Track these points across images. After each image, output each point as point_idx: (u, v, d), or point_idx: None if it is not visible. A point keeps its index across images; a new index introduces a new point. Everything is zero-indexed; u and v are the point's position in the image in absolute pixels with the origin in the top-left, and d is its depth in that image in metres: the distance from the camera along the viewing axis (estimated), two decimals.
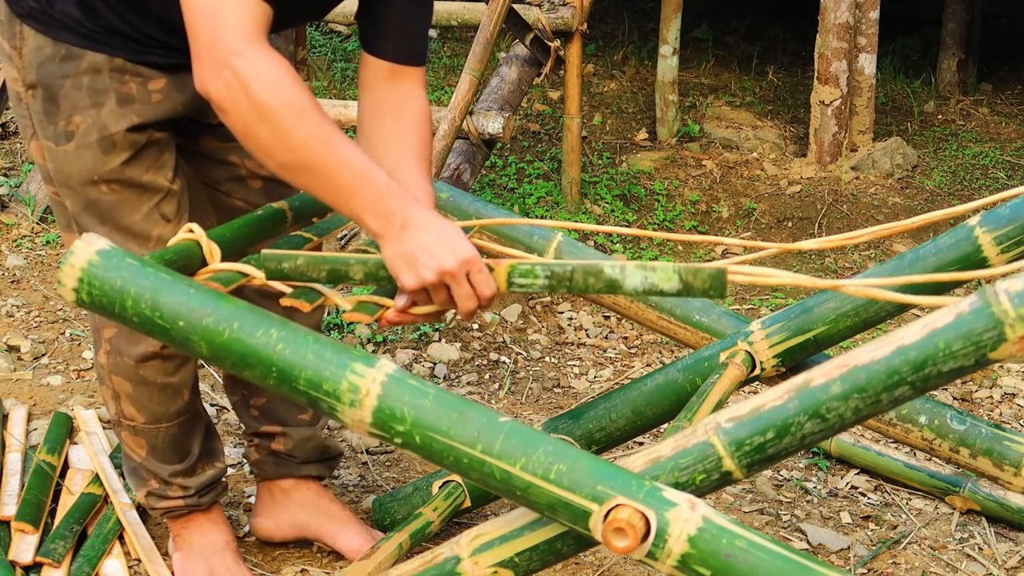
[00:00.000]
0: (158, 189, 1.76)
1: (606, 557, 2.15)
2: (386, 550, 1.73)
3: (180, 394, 1.90)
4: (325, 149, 1.46)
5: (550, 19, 3.98)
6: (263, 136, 1.46)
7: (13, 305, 3.26)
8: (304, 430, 2.09)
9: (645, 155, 4.90)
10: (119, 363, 1.85)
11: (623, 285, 1.44)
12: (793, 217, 4.50)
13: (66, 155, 1.71)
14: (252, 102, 1.44)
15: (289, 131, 1.45)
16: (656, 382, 1.97)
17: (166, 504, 1.98)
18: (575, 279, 1.46)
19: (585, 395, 3.01)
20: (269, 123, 1.45)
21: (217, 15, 1.44)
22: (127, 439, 1.94)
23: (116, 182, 1.72)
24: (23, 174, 4.01)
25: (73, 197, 1.75)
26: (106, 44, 1.67)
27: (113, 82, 1.69)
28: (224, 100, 1.46)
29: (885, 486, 2.52)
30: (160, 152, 1.76)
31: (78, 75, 1.68)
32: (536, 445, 1.30)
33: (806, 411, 1.29)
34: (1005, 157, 5.21)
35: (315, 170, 1.47)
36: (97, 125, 1.69)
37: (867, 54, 4.82)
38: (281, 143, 1.46)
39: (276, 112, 1.44)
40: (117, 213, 1.74)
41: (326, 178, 1.48)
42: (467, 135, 3.73)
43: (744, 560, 1.23)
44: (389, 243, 1.49)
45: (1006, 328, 1.18)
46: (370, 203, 1.48)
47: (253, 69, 1.44)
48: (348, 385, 1.34)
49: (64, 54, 1.67)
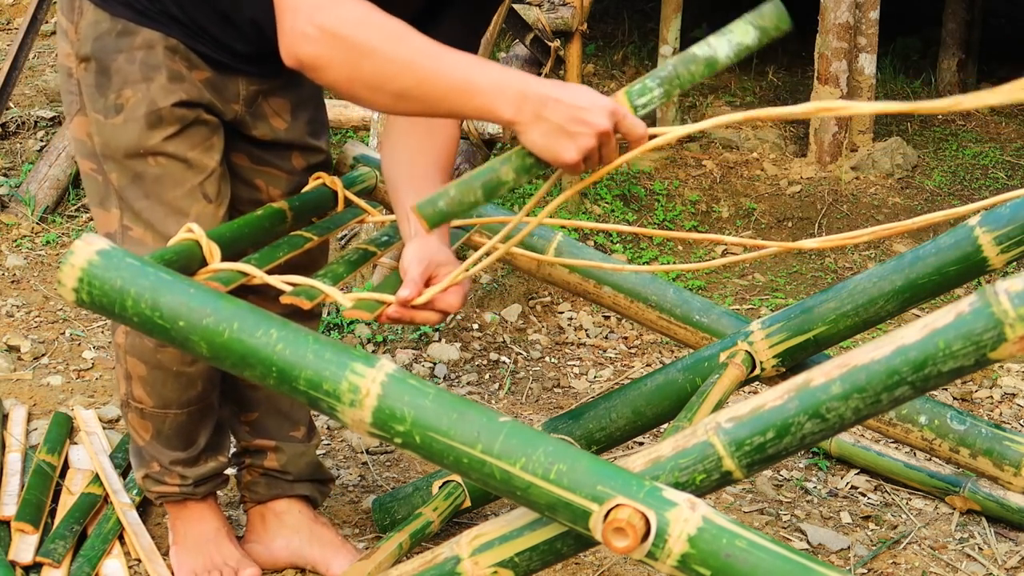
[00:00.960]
0: (203, 167, 1.76)
1: (606, 557, 2.15)
2: (386, 550, 1.72)
3: (194, 384, 1.89)
4: (432, 61, 1.43)
5: (550, 19, 3.99)
6: (369, 73, 1.44)
7: (13, 305, 3.26)
8: (298, 445, 2.08)
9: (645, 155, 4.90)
10: (137, 344, 1.84)
11: (719, 59, 1.47)
12: (793, 217, 4.50)
13: (114, 128, 1.72)
14: (348, 45, 1.43)
15: (393, 58, 1.43)
16: (656, 382, 1.97)
17: (161, 488, 1.99)
18: (681, 75, 1.47)
19: (585, 395, 3.01)
20: (371, 58, 1.43)
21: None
22: (133, 421, 1.94)
23: (161, 155, 1.73)
24: (23, 174, 4.01)
25: (120, 170, 1.75)
26: (162, 23, 1.70)
27: (165, 59, 1.70)
28: (319, 57, 1.44)
29: (885, 486, 2.52)
30: (210, 134, 1.77)
31: (132, 50, 1.70)
32: (536, 445, 1.30)
33: (806, 411, 1.29)
34: (1005, 157, 5.21)
35: (429, 85, 1.44)
36: (146, 99, 1.70)
37: (867, 54, 4.82)
38: (389, 72, 1.43)
39: (375, 45, 1.42)
40: (160, 186, 1.75)
41: (443, 89, 1.44)
42: (467, 135, 3.74)
43: (744, 560, 1.23)
44: (531, 126, 1.42)
45: (1006, 328, 1.18)
46: (496, 95, 1.43)
47: (337, 16, 1.43)
48: (348, 385, 1.34)
49: (120, 29, 1.70)
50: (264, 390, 2.03)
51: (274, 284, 1.53)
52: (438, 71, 1.43)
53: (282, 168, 1.90)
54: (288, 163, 1.90)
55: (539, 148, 1.42)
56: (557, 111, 1.40)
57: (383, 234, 1.85)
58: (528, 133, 1.42)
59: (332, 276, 1.63)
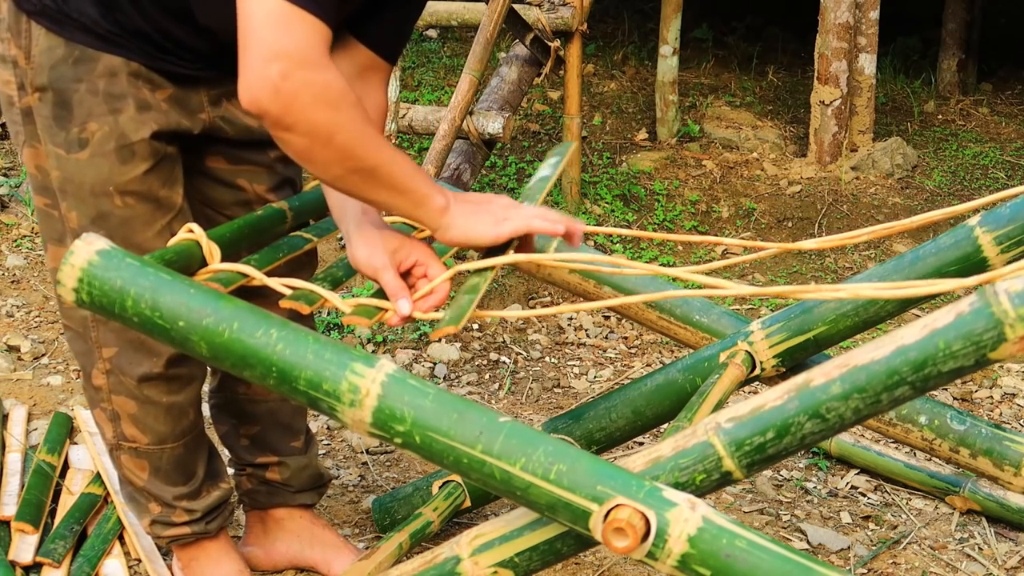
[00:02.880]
0: (172, 205, 1.70)
1: (606, 557, 2.15)
2: (386, 550, 1.72)
3: (185, 413, 1.84)
4: (381, 154, 1.44)
5: (550, 19, 3.98)
6: (332, 148, 1.40)
7: (13, 305, 3.26)
8: (300, 458, 2.05)
9: (645, 155, 4.90)
10: (121, 383, 1.78)
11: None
12: (793, 217, 4.50)
13: (78, 164, 1.64)
14: (325, 117, 1.37)
15: (361, 141, 1.41)
16: (656, 382, 1.97)
17: (172, 532, 1.91)
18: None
19: (585, 395, 3.01)
20: (341, 135, 1.39)
21: (285, 26, 1.35)
22: (127, 463, 1.85)
23: (132, 194, 1.66)
24: (23, 174, 4.02)
25: (81, 208, 1.67)
26: (123, 47, 1.60)
27: (130, 87, 1.62)
28: (287, 117, 1.36)
29: (885, 486, 2.52)
30: (172, 167, 1.70)
31: (93, 79, 1.60)
32: (536, 445, 1.30)
33: (806, 411, 1.29)
34: (1005, 157, 5.21)
35: (375, 174, 1.45)
36: (115, 133, 1.62)
37: (867, 54, 4.82)
38: (348, 154, 1.41)
39: (346, 125, 1.39)
40: (127, 229, 1.67)
41: (382, 180, 1.45)
42: (467, 135, 3.73)
43: (744, 560, 1.23)
44: (454, 218, 1.51)
45: (1006, 328, 1.18)
46: (429, 194, 1.49)
47: (323, 82, 1.37)
48: (348, 385, 1.34)
49: (78, 56, 1.60)
50: (265, 404, 2.01)
51: (273, 287, 1.53)
52: (381, 166, 1.44)
53: (261, 163, 1.84)
54: (266, 156, 1.83)
55: (460, 233, 1.51)
56: (469, 199, 1.53)
57: None
58: (448, 228, 1.51)
59: (331, 280, 1.62)
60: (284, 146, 1.42)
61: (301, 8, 1.35)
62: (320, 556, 2.06)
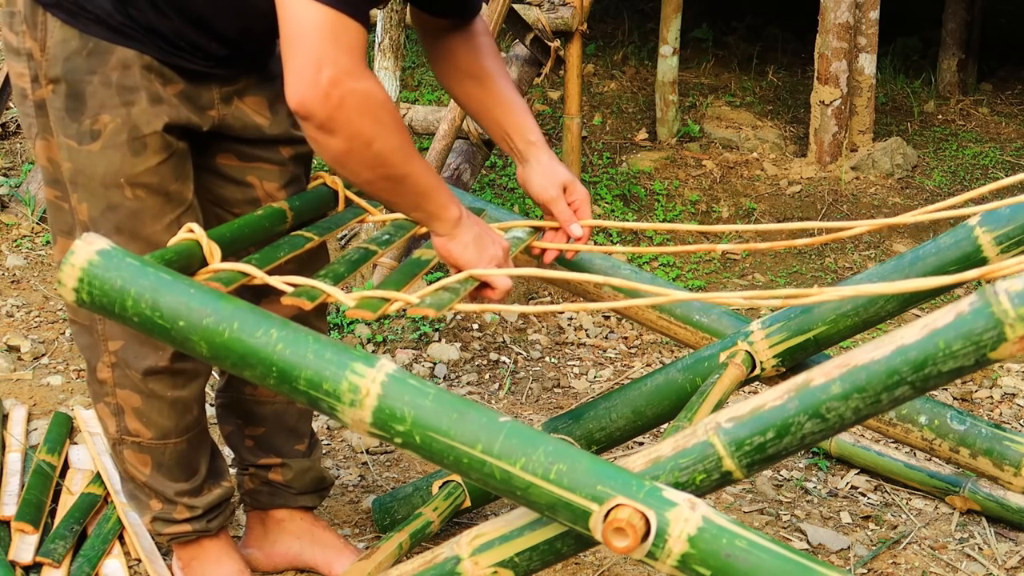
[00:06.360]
0: (182, 200, 1.71)
1: (606, 557, 2.15)
2: (386, 550, 1.72)
3: (190, 409, 1.84)
4: (412, 164, 1.56)
5: (550, 19, 3.98)
6: (371, 154, 1.50)
7: (13, 305, 3.26)
8: (303, 461, 2.05)
9: (645, 155, 4.90)
10: (126, 376, 1.78)
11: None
12: (793, 217, 4.50)
13: (89, 155, 1.64)
14: (368, 123, 1.48)
15: (397, 147, 1.52)
16: (656, 382, 1.97)
17: (173, 529, 1.91)
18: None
19: (585, 395, 3.01)
20: (380, 141, 1.50)
21: (334, 34, 1.44)
22: (130, 457, 1.85)
23: (142, 187, 1.66)
24: (23, 174, 4.01)
25: (91, 200, 1.67)
26: (136, 40, 1.62)
27: (143, 79, 1.63)
28: (332, 121, 1.46)
29: (885, 486, 2.52)
30: (183, 162, 1.71)
31: (107, 71, 1.61)
32: (536, 445, 1.30)
33: (806, 411, 1.29)
34: (1005, 157, 5.21)
35: (404, 182, 1.57)
36: (128, 125, 1.63)
37: (867, 54, 4.82)
38: (383, 160, 1.52)
39: (387, 132, 1.50)
40: (137, 221, 1.68)
41: (409, 188, 1.58)
42: (467, 135, 3.73)
43: (744, 560, 1.23)
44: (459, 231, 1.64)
45: (1006, 328, 1.18)
46: (448, 205, 1.62)
47: (367, 90, 1.47)
48: (348, 385, 1.34)
49: (92, 48, 1.61)
50: (271, 406, 2.01)
51: (275, 285, 1.53)
52: (410, 174, 1.57)
53: (272, 160, 1.85)
54: (277, 155, 1.85)
55: (458, 251, 1.64)
56: (473, 228, 1.65)
57: (383, 233, 1.84)
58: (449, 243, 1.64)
59: (333, 276, 1.63)
60: (320, 148, 1.50)
61: (348, 16, 1.44)
62: (320, 557, 2.06)
